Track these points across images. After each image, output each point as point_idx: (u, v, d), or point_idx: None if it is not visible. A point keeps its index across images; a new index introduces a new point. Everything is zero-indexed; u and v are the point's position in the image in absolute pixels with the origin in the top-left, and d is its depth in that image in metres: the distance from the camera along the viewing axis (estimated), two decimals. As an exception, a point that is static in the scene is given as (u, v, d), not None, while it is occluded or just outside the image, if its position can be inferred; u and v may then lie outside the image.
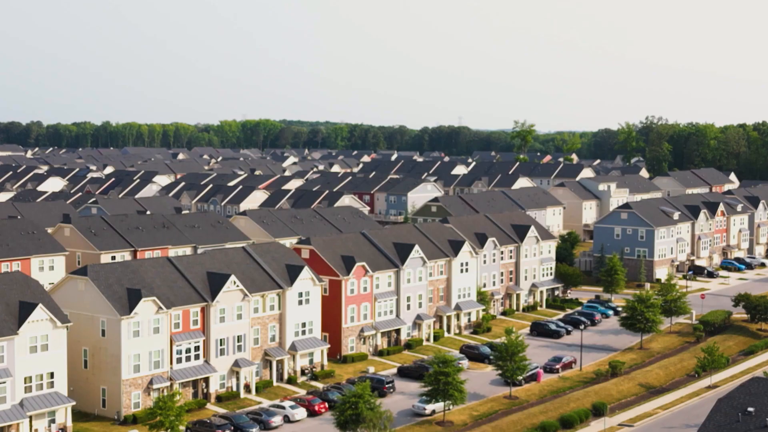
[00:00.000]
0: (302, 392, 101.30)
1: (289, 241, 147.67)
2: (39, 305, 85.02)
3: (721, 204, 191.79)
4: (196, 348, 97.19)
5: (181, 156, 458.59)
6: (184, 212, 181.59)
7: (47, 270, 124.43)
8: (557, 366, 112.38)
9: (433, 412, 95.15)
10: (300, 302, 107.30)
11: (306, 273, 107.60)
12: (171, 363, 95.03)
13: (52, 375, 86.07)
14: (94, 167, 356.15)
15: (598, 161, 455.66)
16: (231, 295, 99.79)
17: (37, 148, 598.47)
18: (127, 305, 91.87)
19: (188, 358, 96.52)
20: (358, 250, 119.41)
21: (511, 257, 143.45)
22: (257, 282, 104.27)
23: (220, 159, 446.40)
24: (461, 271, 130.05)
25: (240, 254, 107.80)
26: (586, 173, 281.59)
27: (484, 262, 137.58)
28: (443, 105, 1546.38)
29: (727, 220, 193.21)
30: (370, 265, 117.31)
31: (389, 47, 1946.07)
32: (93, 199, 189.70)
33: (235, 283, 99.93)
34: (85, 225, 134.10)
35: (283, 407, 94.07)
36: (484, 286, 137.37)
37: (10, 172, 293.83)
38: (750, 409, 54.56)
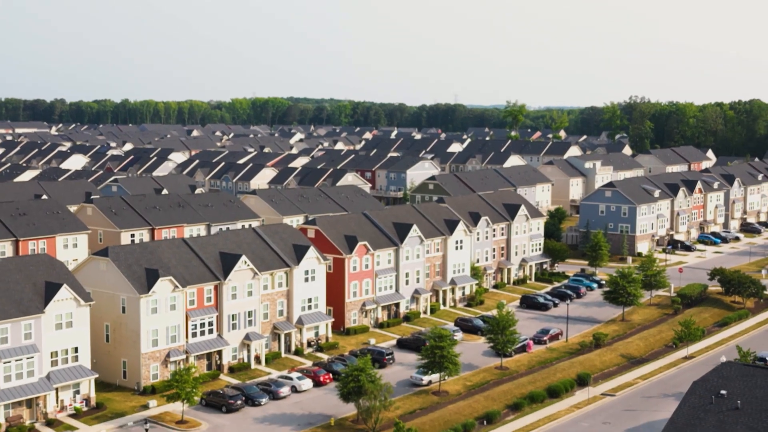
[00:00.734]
0: (308, 363, 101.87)
1: (296, 219, 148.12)
2: (64, 285, 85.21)
3: (698, 182, 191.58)
4: (210, 323, 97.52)
5: (195, 133, 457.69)
6: (197, 190, 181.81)
7: (71, 247, 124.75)
8: (545, 338, 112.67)
9: (430, 382, 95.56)
10: (306, 279, 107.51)
11: (312, 252, 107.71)
12: (187, 337, 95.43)
13: (76, 350, 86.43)
14: (114, 144, 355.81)
15: (585, 137, 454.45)
16: (242, 274, 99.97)
17: (60, 125, 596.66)
18: (146, 284, 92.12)
19: (203, 333, 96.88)
20: (361, 229, 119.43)
21: (502, 234, 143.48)
22: (266, 261, 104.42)
23: (231, 135, 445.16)
24: (456, 248, 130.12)
25: (250, 235, 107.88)
26: (573, 151, 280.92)
27: (478, 239, 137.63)
28: (440, 82, 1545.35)
29: (704, 197, 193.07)
30: (372, 243, 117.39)
31: (391, 25, 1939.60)
32: (113, 178, 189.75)
33: (245, 262, 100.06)
34: (106, 205, 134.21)
35: (290, 378, 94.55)
36: (478, 261, 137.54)
37: (36, 150, 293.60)
38: (723, 391, 54.71)
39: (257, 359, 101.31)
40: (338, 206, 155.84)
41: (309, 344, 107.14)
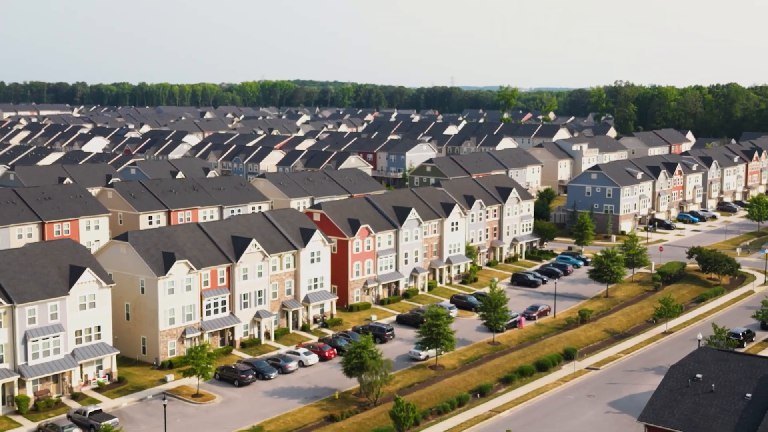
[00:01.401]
0: (314, 339, 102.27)
1: (303, 201, 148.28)
2: (87, 269, 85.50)
3: (678, 164, 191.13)
4: (223, 302, 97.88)
5: (208, 115, 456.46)
6: (210, 172, 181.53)
7: (93, 229, 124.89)
8: (534, 314, 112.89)
9: (427, 357, 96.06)
10: (312, 260, 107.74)
11: (317, 235, 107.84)
12: (201, 315, 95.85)
13: (99, 328, 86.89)
14: (132, 126, 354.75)
15: (572, 118, 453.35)
16: (253, 256, 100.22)
17: (82, 106, 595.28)
18: (163, 267, 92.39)
19: (216, 311, 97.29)
20: (363, 213, 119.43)
21: (495, 216, 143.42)
22: (275, 244, 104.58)
23: (242, 117, 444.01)
24: (452, 229, 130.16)
25: (260, 219, 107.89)
26: (562, 134, 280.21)
27: (472, 220, 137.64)
28: (438, 65, 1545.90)
29: (684, 179, 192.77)
30: (373, 226, 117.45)
31: (392, 7, 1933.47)
32: (132, 161, 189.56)
33: (256, 245, 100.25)
34: (125, 188, 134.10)
35: (298, 353, 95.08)
36: (472, 241, 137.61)
37: (59, 132, 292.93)
38: (698, 375, 55.00)
39: (267, 335, 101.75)
40: (342, 188, 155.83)
41: (315, 321, 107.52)
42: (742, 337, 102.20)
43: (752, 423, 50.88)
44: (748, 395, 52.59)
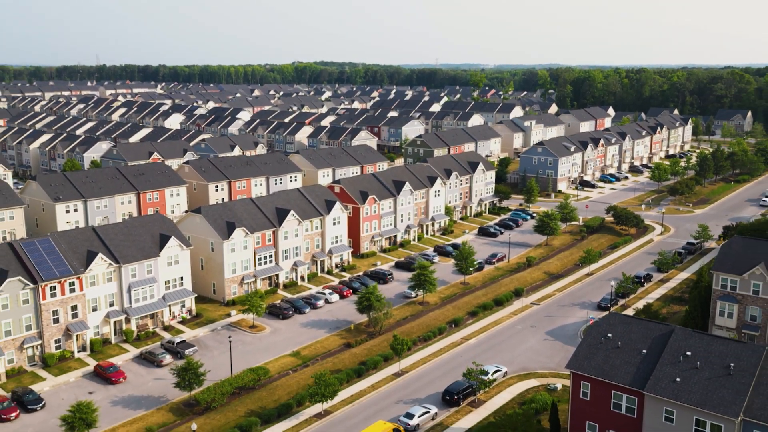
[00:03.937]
0: (336, 281, 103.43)
1: (327, 171, 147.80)
2: (172, 237, 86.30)
3: (601, 139, 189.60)
4: (270, 256, 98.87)
5: (256, 92, 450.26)
6: (259, 145, 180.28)
7: (175, 196, 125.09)
8: (494, 260, 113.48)
9: (416, 295, 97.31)
10: (334, 223, 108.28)
11: (338, 205, 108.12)
12: (255, 266, 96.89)
13: (182, 278, 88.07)
14: (200, 102, 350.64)
15: (525, 93, 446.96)
16: (291, 223, 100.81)
17: (164, 83, 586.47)
18: (227, 232, 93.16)
19: (265, 262, 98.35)
20: (370, 186, 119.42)
21: (466, 183, 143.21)
22: (307, 212, 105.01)
23: (281, 93, 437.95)
24: (435, 195, 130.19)
25: (296, 194, 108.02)
26: (517, 111, 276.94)
27: (450, 187, 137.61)
28: (425, 46, 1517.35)
29: (605, 149, 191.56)
30: (378, 196, 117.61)
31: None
32: (201, 137, 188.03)
33: (293, 214, 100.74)
34: (198, 164, 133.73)
35: (324, 293, 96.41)
36: (450, 202, 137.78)
37: (147, 110, 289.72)
38: (609, 335, 56.12)
39: (302, 278, 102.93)
40: (355, 161, 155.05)
41: (336, 266, 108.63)
42: (642, 279, 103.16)
43: (646, 372, 52.24)
44: (644, 351, 53.81)
